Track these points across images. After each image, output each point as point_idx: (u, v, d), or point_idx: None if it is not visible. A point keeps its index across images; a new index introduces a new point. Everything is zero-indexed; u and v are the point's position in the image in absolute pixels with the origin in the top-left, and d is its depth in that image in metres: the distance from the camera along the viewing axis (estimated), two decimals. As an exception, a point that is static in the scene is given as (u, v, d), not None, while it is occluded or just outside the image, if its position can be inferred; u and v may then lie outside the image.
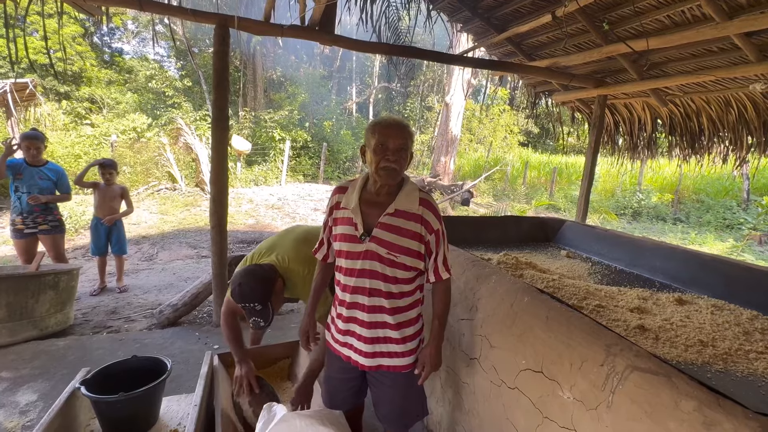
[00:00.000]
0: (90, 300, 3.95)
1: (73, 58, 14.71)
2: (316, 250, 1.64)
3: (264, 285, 1.79)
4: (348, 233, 1.44)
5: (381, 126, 1.38)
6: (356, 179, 1.53)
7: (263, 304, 1.77)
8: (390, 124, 1.39)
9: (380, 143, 1.36)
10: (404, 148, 1.38)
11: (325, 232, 1.58)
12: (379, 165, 1.36)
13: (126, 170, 10.51)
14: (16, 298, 2.78)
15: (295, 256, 1.96)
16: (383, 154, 1.36)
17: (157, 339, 3.00)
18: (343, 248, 1.45)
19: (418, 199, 1.43)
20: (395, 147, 1.36)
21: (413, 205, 1.42)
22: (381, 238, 1.39)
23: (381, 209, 1.42)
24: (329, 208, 1.54)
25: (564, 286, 2.16)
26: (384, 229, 1.40)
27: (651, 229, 10.43)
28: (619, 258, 2.90)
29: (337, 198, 1.52)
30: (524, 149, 20.49)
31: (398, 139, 1.36)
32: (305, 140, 15.18)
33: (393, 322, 1.45)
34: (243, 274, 1.81)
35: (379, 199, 1.44)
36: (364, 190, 1.48)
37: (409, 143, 1.41)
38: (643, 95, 4.28)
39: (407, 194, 1.44)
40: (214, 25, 2.88)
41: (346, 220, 1.46)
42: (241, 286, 1.76)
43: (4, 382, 2.39)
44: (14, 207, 3.61)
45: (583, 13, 3.35)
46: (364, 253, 1.40)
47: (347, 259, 1.44)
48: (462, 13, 4.29)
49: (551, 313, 1.35)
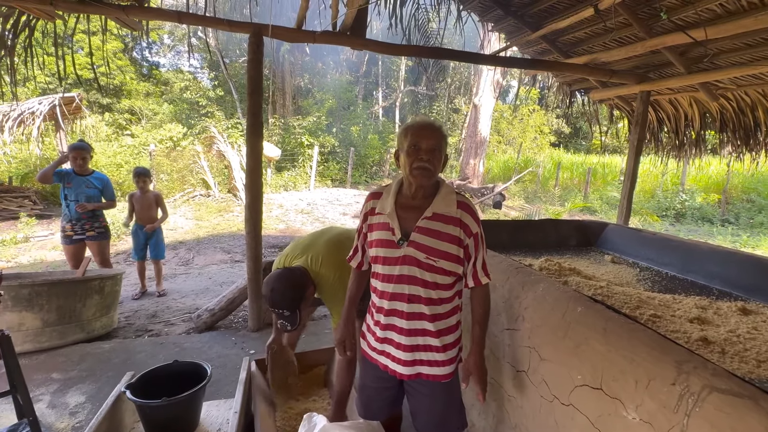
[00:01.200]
0: (132, 303, 4.10)
1: (114, 72, 15.52)
2: (350, 257, 1.62)
3: (295, 292, 1.77)
4: (385, 238, 1.41)
5: (414, 127, 1.36)
6: (390, 184, 1.50)
7: (292, 310, 1.76)
8: (423, 125, 1.36)
9: (413, 144, 1.34)
10: (437, 148, 1.35)
11: (360, 239, 1.56)
12: (412, 165, 1.34)
13: (163, 178, 10.95)
14: (65, 302, 2.91)
15: (328, 260, 1.92)
16: (416, 155, 1.33)
17: (196, 343, 3.06)
18: (380, 254, 1.41)
19: (455, 202, 1.40)
20: (428, 147, 1.33)
21: (451, 207, 1.39)
22: (419, 243, 1.36)
23: (418, 213, 1.39)
24: (363, 215, 1.52)
25: (613, 294, 2.04)
26: (422, 233, 1.37)
27: (697, 231, 9.85)
28: (670, 263, 2.72)
29: (372, 203, 1.50)
30: (556, 150, 19.90)
31: (431, 139, 1.34)
32: (333, 145, 15.35)
33: (433, 330, 1.40)
34: (275, 278, 1.79)
35: (416, 202, 1.41)
36: (399, 194, 1.45)
37: (443, 144, 1.37)
38: (690, 90, 4.03)
39: (444, 197, 1.40)
40: (247, 35, 2.93)
41: (382, 225, 1.43)
42: (273, 292, 1.75)
43: (55, 384, 2.50)
44: (64, 215, 3.80)
45: (624, 5, 3.19)
46: (402, 258, 1.37)
47: (384, 265, 1.41)
48: (494, 12, 4.19)
49: (609, 325, 1.25)
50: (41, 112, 6.60)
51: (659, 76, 4.02)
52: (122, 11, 2.72)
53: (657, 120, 4.90)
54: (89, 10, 2.73)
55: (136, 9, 2.77)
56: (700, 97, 4.12)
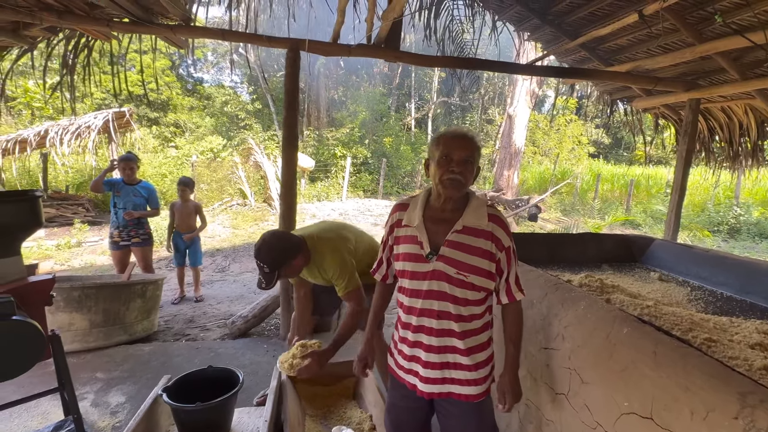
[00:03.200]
0: (171, 308, 4.26)
1: (162, 88, 16.51)
2: (374, 269, 1.59)
3: (280, 253, 1.86)
4: (412, 252, 1.36)
5: (446, 137, 1.32)
6: (417, 195, 1.45)
7: (271, 269, 1.83)
8: (455, 135, 1.32)
9: (444, 154, 1.30)
10: (470, 160, 1.30)
11: (385, 252, 1.52)
12: (443, 177, 1.30)
13: (203, 187, 11.44)
14: (111, 305, 3.06)
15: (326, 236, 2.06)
16: (447, 166, 1.29)
17: (229, 349, 3.13)
18: (407, 268, 1.37)
19: (486, 215, 1.35)
20: (460, 158, 1.29)
21: (482, 221, 1.33)
22: (449, 257, 1.31)
23: (448, 226, 1.34)
24: (389, 227, 1.48)
25: (662, 315, 1.89)
26: (452, 247, 1.31)
27: (754, 248, 9.12)
28: (726, 283, 2.52)
29: (398, 215, 1.45)
30: (594, 161, 19.16)
31: (464, 150, 1.29)
32: (365, 156, 15.53)
33: (463, 347, 1.34)
34: (271, 234, 1.91)
35: (445, 215, 1.37)
36: (427, 206, 1.40)
37: (476, 155, 1.33)
38: (745, 97, 3.77)
39: (475, 209, 1.35)
40: (285, 50, 3.03)
41: (409, 238, 1.38)
42: (262, 243, 1.85)
43: (99, 383, 2.62)
44: (113, 221, 4.03)
45: (671, 10, 3.04)
46: (431, 273, 1.32)
47: (412, 280, 1.36)
48: (530, 21, 4.11)
49: (660, 348, 1.16)
50: (96, 126, 7.11)
51: (710, 83, 3.79)
52: (171, 31, 2.88)
53: (708, 129, 4.61)
54: (141, 30, 2.91)
55: (183, 28, 2.93)
56: (757, 105, 3.84)
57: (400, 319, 1.46)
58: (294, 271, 1.99)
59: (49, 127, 7.06)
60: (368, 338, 1.61)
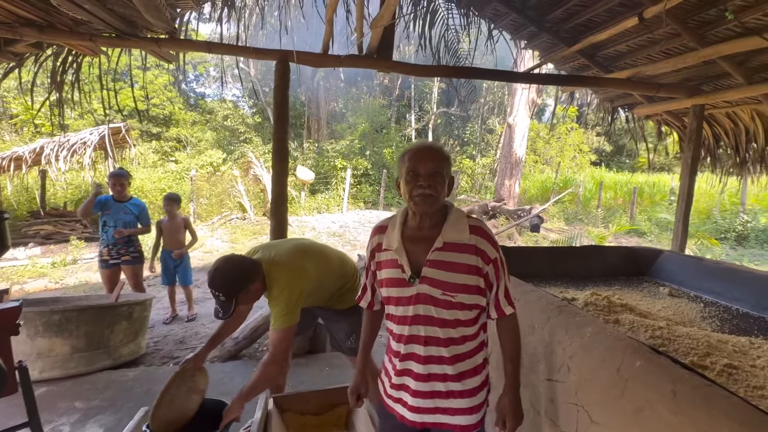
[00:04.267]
0: (162, 328, 4.12)
1: (164, 103, 16.61)
2: (360, 297, 1.49)
3: (236, 280, 1.71)
4: (394, 277, 1.27)
5: (410, 152, 1.26)
6: (394, 216, 1.38)
7: (227, 297, 1.69)
8: (419, 149, 1.25)
9: (410, 170, 1.23)
10: (438, 171, 1.22)
11: (368, 278, 1.43)
12: (412, 193, 1.23)
13: (203, 201, 11.37)
14: (94, 329, 2.93)
15: (284, 261, 1.87)
16: (415, 181, 1.22)
17: (218, 373, 2.97)
18: (392, 294, 1.28)
19: (468, 227, 1.25)
20: (427, 171, 1.21)
21: (463, 234, 1.24)
22: (433, 278, 1.21)
23: (427, 245, 1.24)
24: (370, 252, 1.39)
25: (676, 337, 1.74)
26: (434, 266, 1.22)
27: (763, 256, 8.91)
28: (741, 298, 2.36)
29: (378, 239, 1.37)
30: (597, 169, 19.03)
31: (429, 162, 1.22)
32: (366, 168, 15.48)
33: (454, 373, 1.24)
34: (224, 259, 1.77)
35: (423, 233, 1.27)
36: (405, 226, 1.32)
37: (444, 166, 1.24)
38: (752, 102, 3.65)
39: (454, 223, 1.26)
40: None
41: (390, 262, 1.29)
42: (215, 271, 1.70)
43: (77, 413, 2.47)
44: (102, 240, 3.92)
45: (672, 14, 2.94)
46: (416, 297, 1.23)
47: (397, 306, 1.27)
48: (526, 29, 4.04)
49: (678, 387, 1.01)
50: (92, 142, 7.06)
51: (714, 89, 3.68)
52: (156, 44, 2.81)
53: (713, 135, 4.49)
54: (126, 45, 2.84)
55: (168, 41, 2.86)
56: (763, 110, 3.72)
57: (390, 346, 1.36)
58: (252, 298, 1.83)
59: (45, 144, 7.02)
60: (360, 369, 1.50)
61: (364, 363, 1.51)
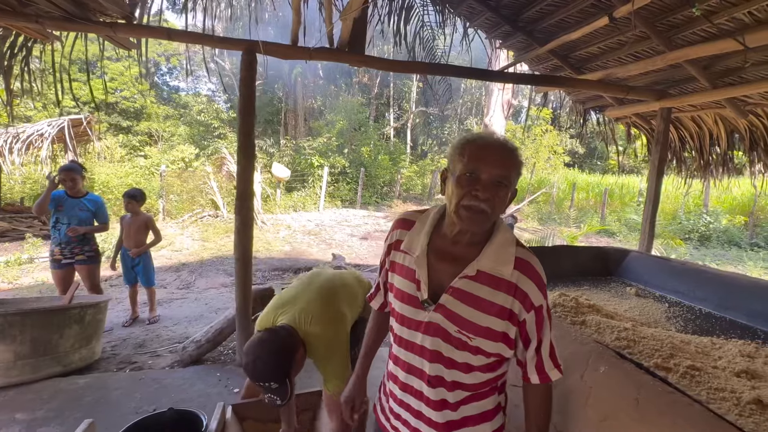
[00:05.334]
0: (121, 331, 3.90)
1: (135, 96, 15.96)
2: (371, 295, 1.28)
3: (282, 360, 1.50)
4: (407, 291, 1.04)
5: (474, 145, 0.95)
6: (428, 212, 1.10)
7: (280, 382, 1.47)
8: (489, 144, 0.95)
9: (469, 171, 0.93)
10: (504, 182, 0.94)
11: (382, 274, 1.21)
12: (461, 201, 0.94)
13: (173, 198, 10.97)
14: (41, 334, 2.72)
15: (320, 315, 1.66)
16: (471, 187, 0.93)
17: (177, 379, 2.82)
18: (397, 309, 1.06)
19: (513, 259, 0.97)
20: (491, 179, 0.92)
21: (506, 267, 0.96)
22: (451, 310, 0.97)
23: (457, 267, 0.99)
24: (387, 246, 1.15)
25: (641, 338, 1.73)
26: (457, 297, 0.97)
27: (724, 256, 9.31)
28: (705, 298, 2.40)
29: (398, 234, 1.11)
30: (570, 170, 19.51)
31: (498, 166, 0.93)
32: (343, 166, 15.33)
33: (458, 418, 1.02)
34: (257, 344, 1.51)
35: (457, 250, 1.01)
36: (436, 232, 1.05)
37: (513, 175, 0.96)
38: (715, 106, 3.75)
39: (498, 249, 0.98)
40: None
41: (406, 270, 1.05)
42: (255, 362, 1.47)
43: (17, 426, 2.28)
44: (53, 238, 3.67)
45: (641, 16, 2.97)
46: (426, 325, 0.99)
47: (402, 326, 1.05)
48: (501, 28, 4.02)
49: (643, 394, 0.98)
50: (50, 134, 6.66)
51: (681, 92, 3.76)
52: (110, 29, 2.62)
53: (679, 138, 4.60)
54: (77, 28, 2.64)
55: (123, 26, 2.68)
56: (726, 114, 3.83)
57: (388, 366, 1.15)
58: (300, 367, 1.65)
59: (-2, 135, 6.58)
60: (358, 375, 1.29)
61: (365, 369, 1.30)
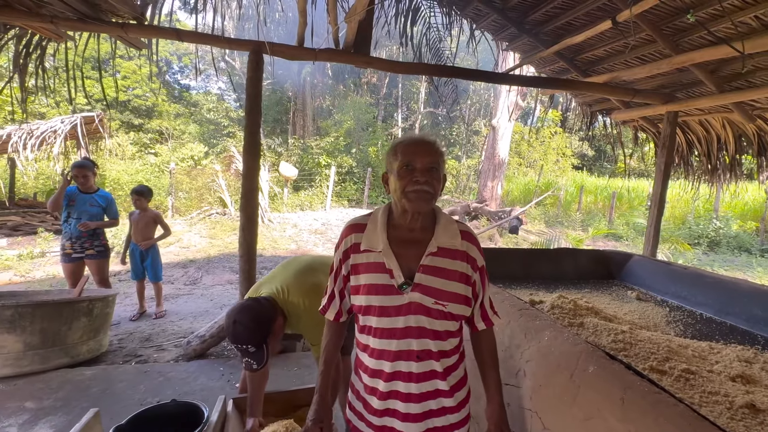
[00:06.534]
0: (128, 325, 3.98)
1: (147, 94, 16.20)
2: (324, 307, 1.29)
3: (260, 325, 1.60)
4: (380, 283, 1.12)
5: (403, 144, 1.14)
6: (374, 213, 1.23)
7: (257, 346, 1.58)
8: (414, 141, 1.14)
9: (405, 164, 1.11)
10: (435, 167, 1.12)
11: (337, 283, 1.24)
12: (406, 189, 1.10)
13: (182, 195, 11.12)
14: (50, 325, 2.79)
15: (297, 286, 1.78)
16: (410, 176, 1.10)
17: (181, 373, 2.88)
18: (374, 303, 1.12)
19: (459, 233, 1.18)
20: (424, 166, 1.11)
21: (456, 239, 1.17)
22: (426, 285, 1.11)
23: (419, 248, 1.14)
24: (342, 253, 1.21)
25: (638, 341, 1.74)
26: (428, 273, 1.12)
27: (733, 261, 9.18)
28: (706, 303, 2.39)
29: (354, 238, 1.19)
30: (578, 173, 19.35)
31: (426, 156, 1.11)
32: (350, 166, 15.39)
33: (447, 388, 1.14)
34: (238, 310, 1.62)
35: (414, 235, 1.16)
36: (389, 226, 1.19)
37: (440, 162, 1.14)
38: (723, 110, 3.72)
39: (445, 227, 1.17)
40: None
41: (373, 266, 1.14)
42: (235, 325, 1.57)
43: (26, 414, 2.35)
44: (65, 233, 3.76)
45: (647, 20, 2.97)
46: (407, 306, 1.10)
47: (381, 317, 1.12)
48: (508, 30, 4.03)
49: (629, 395, 0.99)
50: (62, 131, 6.80)
51: (687, 96, 3.74)
52: (122, 29, 2.69)
53: (686, 142, 4.57)
54: (90, 28, 2.72)
55: (134, 27, 2.75)
56: (734, 119, 3.79)
57: (364, 365, 1.18)
58: (278, 336, 1.74)
59: (13, 131, 6.72)
60: (322, 394, 1.26)
61: (327, 386, 1.29)
